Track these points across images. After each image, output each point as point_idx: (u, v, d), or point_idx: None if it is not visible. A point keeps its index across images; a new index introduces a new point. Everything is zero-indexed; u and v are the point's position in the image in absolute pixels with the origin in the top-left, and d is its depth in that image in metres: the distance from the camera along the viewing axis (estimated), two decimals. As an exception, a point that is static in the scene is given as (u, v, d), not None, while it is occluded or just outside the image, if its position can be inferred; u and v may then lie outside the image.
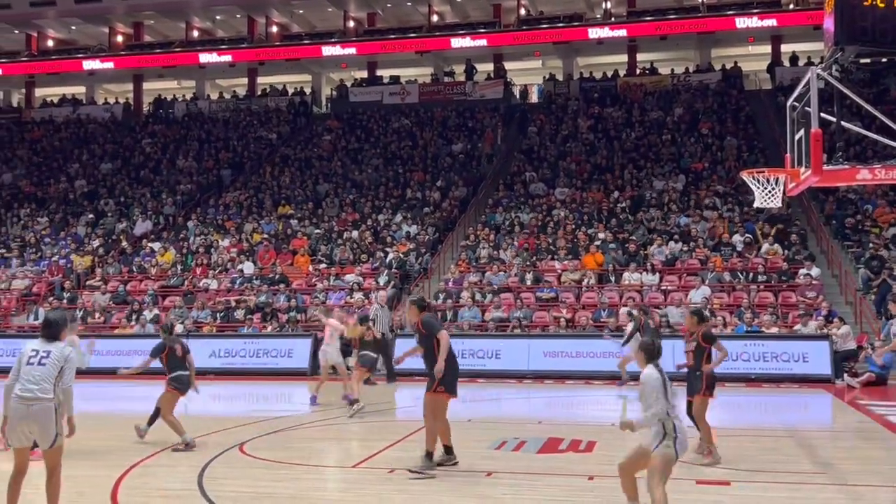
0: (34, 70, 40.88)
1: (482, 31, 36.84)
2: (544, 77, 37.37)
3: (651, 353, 6.57)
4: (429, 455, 8.69)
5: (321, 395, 14.17)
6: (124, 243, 27.14)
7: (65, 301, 23.64)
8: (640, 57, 37.02)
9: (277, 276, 23.18)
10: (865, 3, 9.14)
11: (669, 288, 20.81)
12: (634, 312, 14.54)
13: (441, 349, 8.74)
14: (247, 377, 18.70)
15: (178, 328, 21.04)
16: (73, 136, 37.35)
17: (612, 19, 36.53)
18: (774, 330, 18.28)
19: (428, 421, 8.77)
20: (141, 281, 24.52)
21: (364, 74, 39.48)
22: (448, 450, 8.87)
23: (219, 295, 22.81)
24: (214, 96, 40.62)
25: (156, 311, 22.19)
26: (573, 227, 24.09)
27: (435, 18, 39.19)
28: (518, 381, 17.48)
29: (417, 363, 9.91)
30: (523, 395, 15.89)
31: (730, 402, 15.58)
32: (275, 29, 40.51)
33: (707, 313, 12.46)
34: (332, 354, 14.04)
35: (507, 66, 37.60)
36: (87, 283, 24.87)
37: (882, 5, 9.15)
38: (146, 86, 41.79)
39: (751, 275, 20.75)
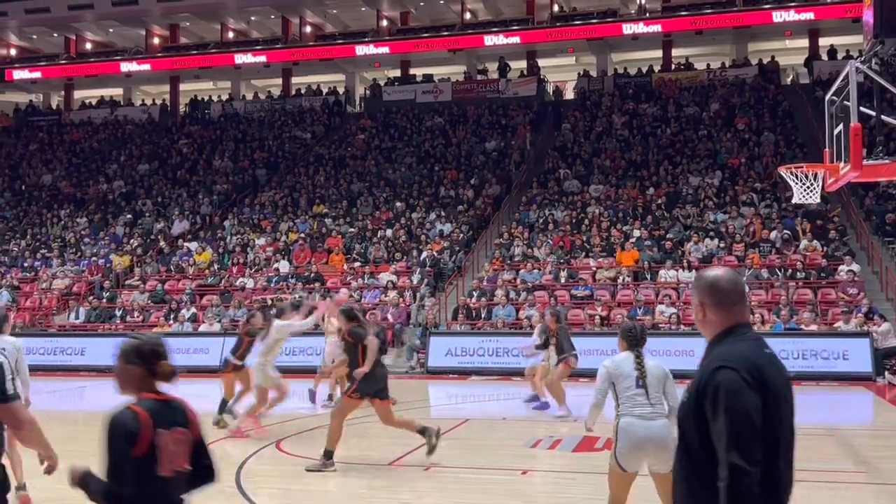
0: (73, 73, 41.50)
1: (515, 28, 36.73)
2: (578, 73, 37.17)
3: (630, 340, 5.88)
4: (327, 454, 8.84)
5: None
6: (162, 243, 27.48)
7: (104, 300, 23.99)
8: (675, 52, 36.67)
9: (313, 275, 23.33)
10: (906, -5, 8.99)
11: (706, 285, 20.57)
12: (546, 316, 13.06)
13: (368, 355, 8.90)
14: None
15: (216, 326, 21.31)
16: (111, 137, 37.88)
17: (647, 14, 36.21)
18: (814, 327, 18.04)
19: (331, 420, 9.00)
20: (178, 280, 24.82)
21: (397, 73, 39.57)
22: (328, 454, 8.85)
23: (255, 293, 23.01)
24: (249, 97, 40.94)
25: (193, 309, 22.44)
26: (608, 224, 23.95)
27: (468, 16, 39.15)
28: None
29: (447, 361, 9.91)
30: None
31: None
32: (308, 29, 40.73)
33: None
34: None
35: (541, 63, 37.44)
36: (126, 282, 25.22)
37: (923, -3, 8.99)
38: (182, 87, 42.23)
39: (789, 271, 20.49)
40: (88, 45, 43.07)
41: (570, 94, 37.12)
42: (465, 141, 31.78)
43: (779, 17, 33.35)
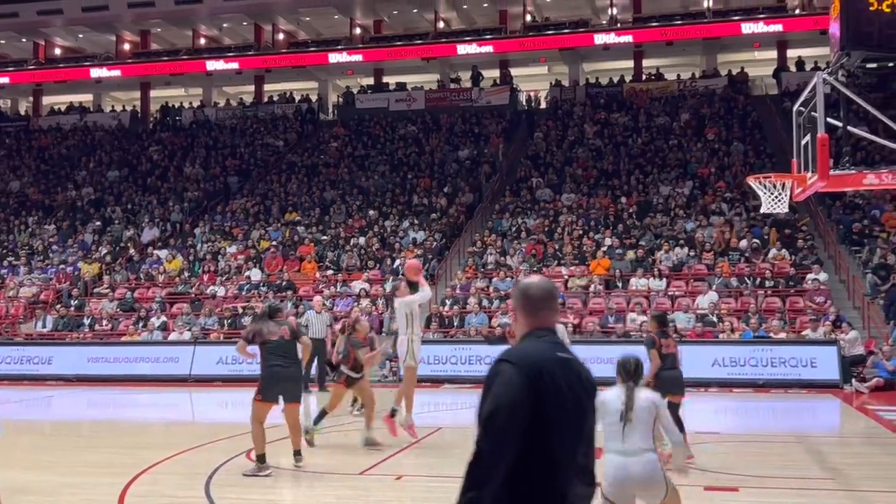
0: (42, 78, 41.07)
1: (488, 37, 36.90)
2: (550, 83, 37.38)
3: (623, 374, 5.72)
4: (260, 458, 8.97)
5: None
6: (131, 250, 27.20)
7: (72, 308, 23.71)
8: (646, 62, 37.01)
9: (284, 283, 23.21)
10: (871, 8, 9.14)
11: (677, 293, 20.77)
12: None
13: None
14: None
15: (186, 334, 21.13)
16: (81, 143, 37.49)
17: (618, 25, 36.54)
18: (782, 335, 18.23)
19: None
20: (148, 288, 24.58)
21: (370, 81, 39.56)
22: (260, 458, 8.96)
23: (226, 301, 22.85)
24: (221, 103, 40.74)
25: (163, 318, 22.24)
26: (580, 232, 24.08)
27: (441, 25, 39.26)
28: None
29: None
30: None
31: (738, 408, 15.56)
32: (281, 36, 40.63)
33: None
34: None
35: (514, 72, 37.62)
36: (95, 290, 24.92)
37: (888, 10, 9.15)
38: (153, 93, 41.93)
39: (758, 280, 20.71)
40: (58, 51, 42.65)
41: (543, 104, 37.33)
42: (438, 149, 31.81)
43: (748, 28, 33.82)
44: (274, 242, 25.91)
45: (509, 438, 2.84)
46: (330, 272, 23.86)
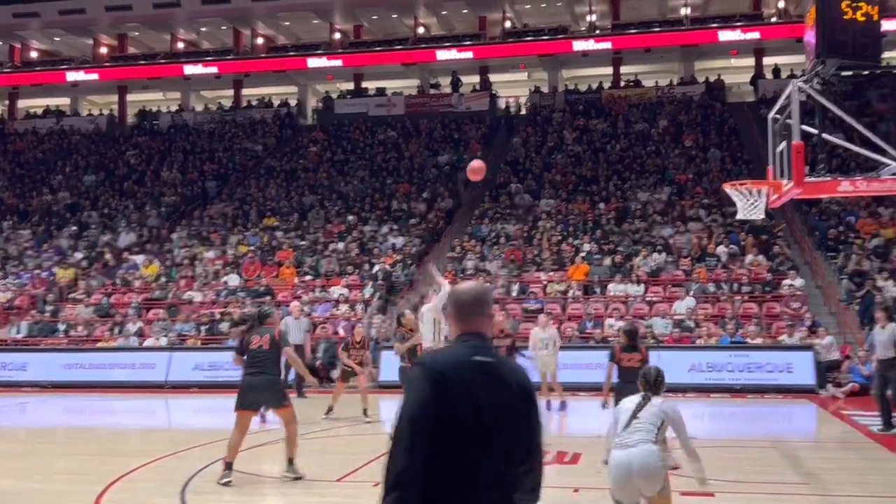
0: (17, 81, 40.70)
1: (468, 43, 36.99)
2: (530, 89, 37.51)
3: (644, 384, 6.07)
4: (227, 464, 8.89)
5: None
6: (108, 256, 26.97)
7: (47, 314, 23.46)
8: (624, 69, 37.23)
9: (263, 289, 23.10)
10: (845, 18, 9.23)
11: (654, 299, 20.86)
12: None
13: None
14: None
15: (162, 340, 20.96)
16: (57, 147, 37.17)
17: (597, 32, 36.74)
18: (759, 340, 18.35)
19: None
20: (124, 293, 24.37)
21: (350, 86, 39.53)
22: (227, 465, 8.90)
23: (203, 307, 22.70)
24: (199, 108, 40.54)
25: (139, 323, 22.06)
26: (559, 238, 24.14)
27: (421, 31, 39.29)
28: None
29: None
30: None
31: (714, 413, 15.64)
32: (260, 41, 40.50)
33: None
34: None
35: (493, 78, 37.74)
36: (70, 295, 24.68)
37: (862, 20, 9.25)
38: (130, 97, 41.66)
39: (735, 285, 20.84)
40: (34, 54, 42.27)
41: (523, 110, 37.45)
42: (417, 154, 31.82)
43: (725, 36, 34.12)
44: (252, 247, 25.78)
45: (416, 441, 2.92)
46: (308, 277, 23.78)
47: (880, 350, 12.22)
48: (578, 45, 35.48)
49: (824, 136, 10.52)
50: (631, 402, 5.93)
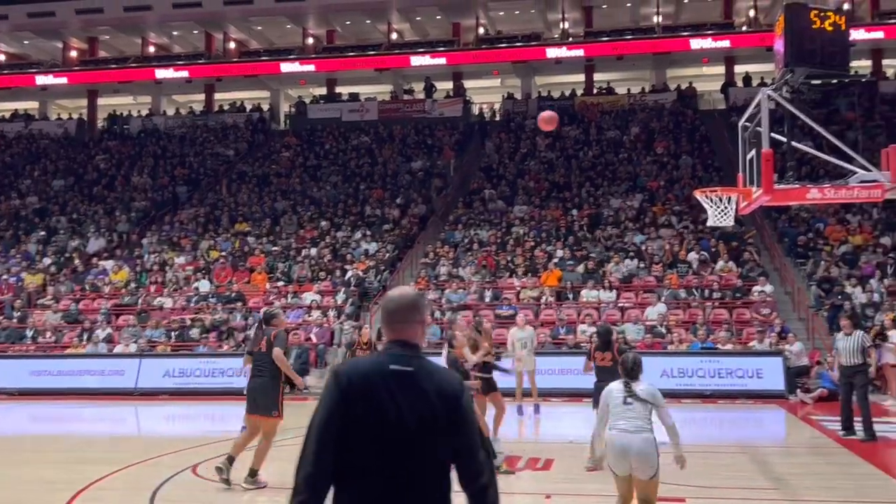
0: (-15, 85, 40.17)
1: (441, 49, 37.03)
2: (503, 95, 37.63)
3: (623, 371, 6.60)
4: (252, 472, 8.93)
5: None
6: (77, 261, 26.66)
7: (15, 320, 23.13)
8: (597, 76, 37.46)
9: (234, 295, 22.93)
10: (814, 28, 9.35)
11: (626, 305, 20.97)
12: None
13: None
14: (202, 397, 18.44)
15: (132, 347, 20.74)
16: (25, 151, 36.72)
17: (570, 39, 36.93)
18: (729, 346, 18.49)
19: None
20: (94, 299, 24.09)
21: (323, 91, 39.41)
22: (252, 472, 8.96)
23: (173, 313, 22.49)
24: (171, 112, 40.23)
25: (109, 329, 21.81)
26: (532, 244, 24.20)
27: (394, 36, 39.30)
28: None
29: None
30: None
31: (685, 418, 15.70)
32: (232, 45, 40.29)
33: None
34: None
35: (467, 84, 37.81)
36: (38, 301, 24.34)
37: (830, 29, 9.38)
38: (101, 101, 41.27)
39: (706, 292, 21.00)
40: (2, 57, 41.73)
41: (497, 116, 37.54)
42: (391, 160, 31.78)
43: (696, 44, 34.42)
44: (223, 253, 25.59)
45: (322, 448, 2.97)
46: (280, 283, 23.64)
47: (846, 357, 12.36)
48: (551, 52, 35.65)
49: (793, 143, 10.63)
50: (617, 389, 6.44)
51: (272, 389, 9.07)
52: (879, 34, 33.34)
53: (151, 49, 40.70)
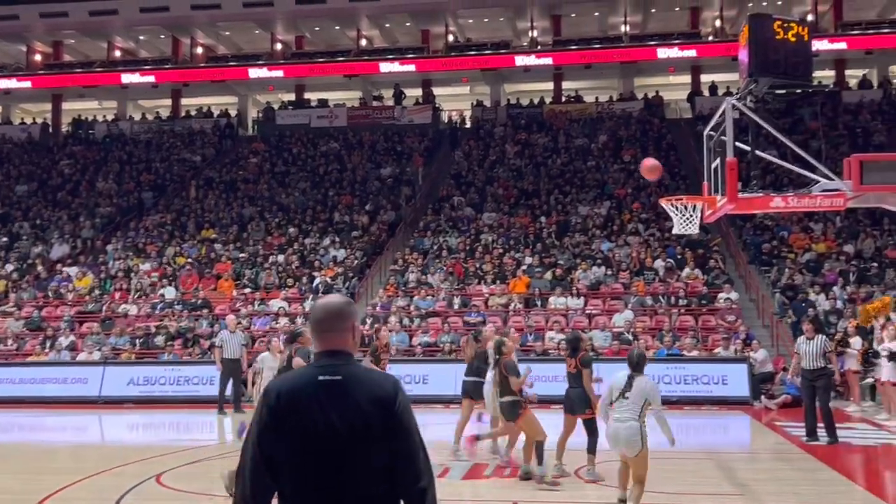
0: (-53, 88, 39.52)
1: (410, 56, 37.06)
2: (472, 103, 37.72)
3: (629, 364, 7.94)
4: None
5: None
6: (40, 268, 26.26)
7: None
8: (565, 85, 37.67)
9: (200, 301, 22.72)
10: (777, 38, 9.46)
11: (594, 312, 21.08)
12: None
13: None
14: (167, 405, 18.23)
15: (95, 355, 20.45)
16: (-12, 156, 36.14)
17: (539, 47, 37.14)
18: (695, 353, 18.63)
19: None
20: (57, 307, 23.73)
21: (291, 97, 39.26)
22: None
23: (138, 321, 22.23)
24: (137, 117, 39.83)
25: (72, 337, 21.50)
26: (500, 251, 24.25)
27: (364, 43, 39.25)
28: (445, 406, 17.42)
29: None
30: (451, 420, 15.80)
31: (652, 424, 15.79)
32: (200, 50, 40.00)
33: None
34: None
35: (436, 91, 37.87)
36: (0, 308, 23.95)
37: (793, 40, 9.49)
38: (65, 106, 40.75)
39: (672, 299, 21.17)
40: (-36, 60, 41.10)
41: (468, 123, 37.61)
42: (360, 166, 31.71)
43: (663, 53, 34.77)
44: (189, 260, 25.35)
45: (256, 465, 2.96)
46: (247, 290, 23.46)
47: (808, 360, 12.51)
48: (520, 60, 35.83)
49: (758, 152, 10.75)
50: (621, 381, 7.84)
51: None
52: (842, 45, 33.91)
53: (117, 53, 40.29)
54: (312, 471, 2.93)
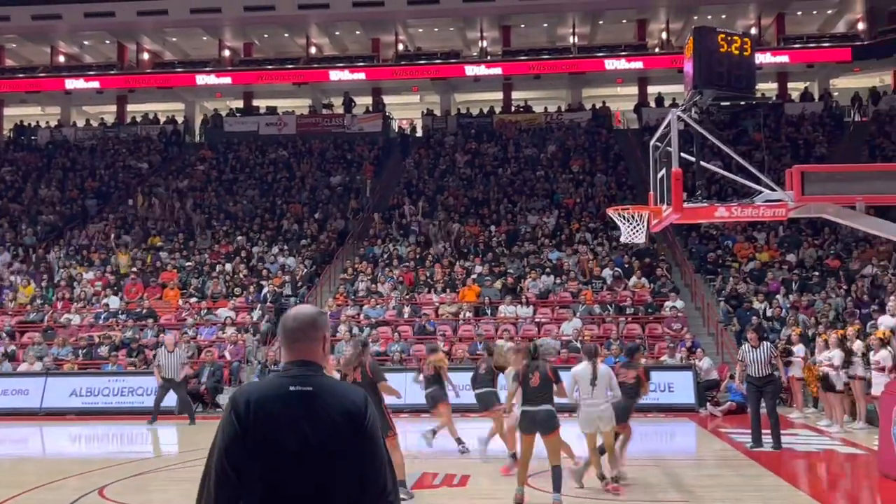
0: None
1: (360, 64, 37.03)
2: (423, 112, 37.77)
3: (588, 355, 9.36)
4: None
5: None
6: (-21, 276, 25.59)
7: None
8: (514, 95, 37.96)
9: (145, 311, 22.32)
10: (721, 51, 9.64)
11: (543, 320, 21.19)
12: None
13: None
14: (110, 417, 17.86)
15: (37, 365, 19.95)
16: (-76, 161, 35.14)
17: (488, 57, 37.37)
18: (642, 361, 18.77)
19: None
20: (-4, 316, 23.12)
21: (240, 104, 38.89)
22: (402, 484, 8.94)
23: (81, 330, 21.76)
24: (81, 123, 39.09)
25: (12, 347, 20.95)
26: (450, 260, 24.28)
27: (313, 50, 39.07)
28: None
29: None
30: (400, 430, 15.73)
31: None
32: (146, 56, 39.44)
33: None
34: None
35: (386, 99, 37.84)
36: (-64, 318, 23.26)
37: (736, 52, 9.68)
38: (7, 111, 39.90)
39: (619, 307, 21.39)
40: None
41: (419, 131, 37.65)
42: (309, 175, 31.51)
43: (611, 65, 35.27)
44: (134, 269, 24.90)
45: (221, 476, 2.86)
46: (194, 300, 23.11)
47: (755, 368, 12.71)
48: (470, 70, 36.03)
49: (702, 163, 10.92)
50: (584, 369, 9.17)
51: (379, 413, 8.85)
52: (785, 58, 34.75)
53: (61, 58, 39.54)
54: (281, 482, 2.86)
